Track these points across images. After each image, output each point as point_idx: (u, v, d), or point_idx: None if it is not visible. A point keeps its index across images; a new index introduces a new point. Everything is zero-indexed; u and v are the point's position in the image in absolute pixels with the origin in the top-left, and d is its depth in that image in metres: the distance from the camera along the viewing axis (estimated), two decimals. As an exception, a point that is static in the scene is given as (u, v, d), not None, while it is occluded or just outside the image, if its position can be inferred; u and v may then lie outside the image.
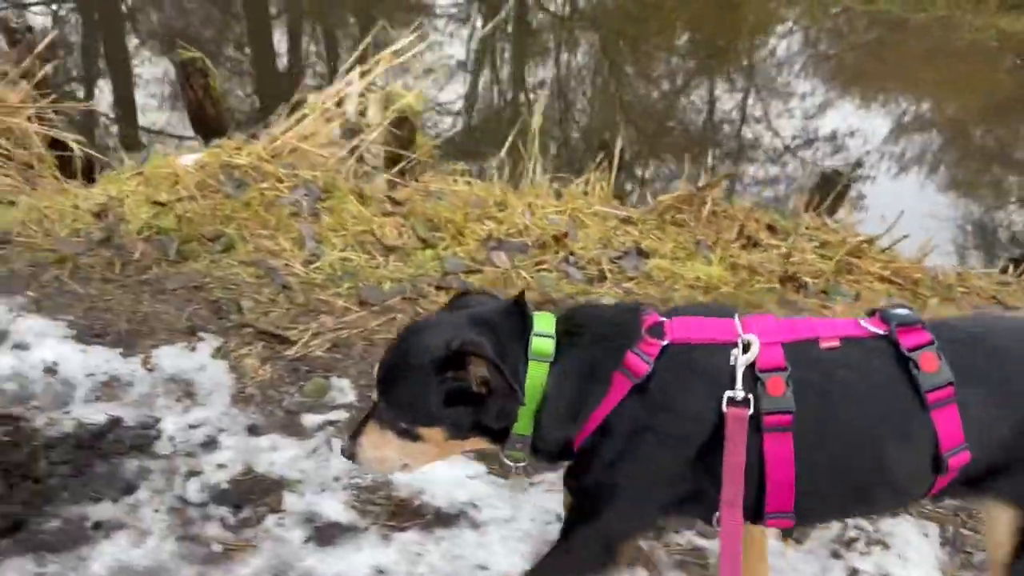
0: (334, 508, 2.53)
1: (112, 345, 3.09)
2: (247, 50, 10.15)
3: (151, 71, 9.09)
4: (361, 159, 4.77)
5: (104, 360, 3.01)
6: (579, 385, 1.82)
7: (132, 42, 9.94)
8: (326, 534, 2.47)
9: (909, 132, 9.79)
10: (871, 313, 1.88)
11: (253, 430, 2.80)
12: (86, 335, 3.15)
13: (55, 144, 5.33)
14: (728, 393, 1.73)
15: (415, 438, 1.84)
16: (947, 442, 1.76)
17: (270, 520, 2.49)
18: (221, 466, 2.66)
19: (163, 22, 10.48)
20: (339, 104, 4.66)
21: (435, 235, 4.16)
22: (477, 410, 1.79)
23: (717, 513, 1.75)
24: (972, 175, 8.96)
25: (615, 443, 1.80)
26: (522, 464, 1.92)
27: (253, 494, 2.58)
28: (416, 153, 5.23)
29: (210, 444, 2.74)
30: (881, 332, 1.81)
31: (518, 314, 1.84)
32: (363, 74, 4.76)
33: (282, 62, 9.94)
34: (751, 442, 1.71)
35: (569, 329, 1.85)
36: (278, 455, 2.72)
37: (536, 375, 1.80)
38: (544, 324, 1.83)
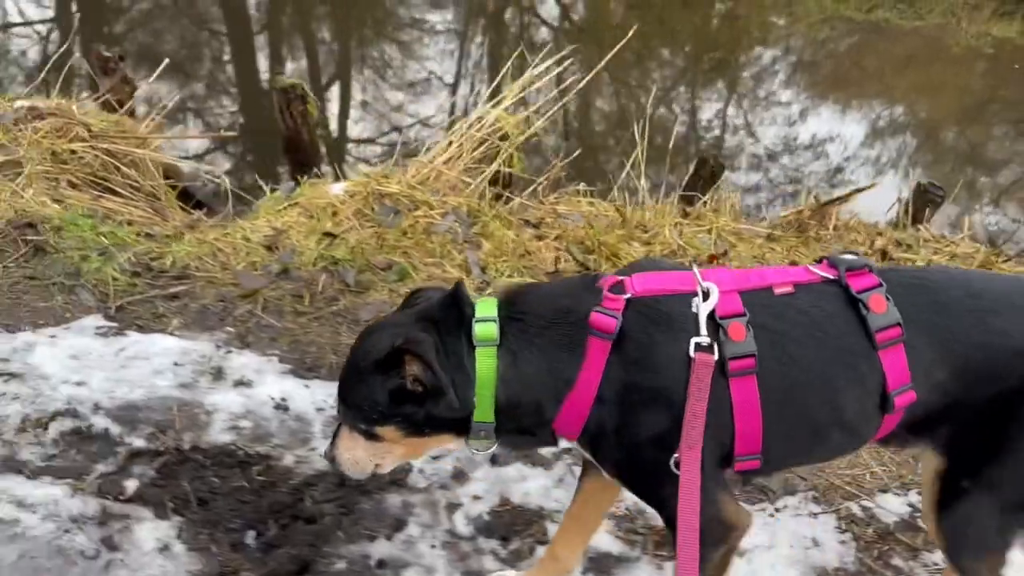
0: (602, 538, 2.56)
1: (329, 379, 3.12)
2: (336, 80, 10.19)
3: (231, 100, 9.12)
4: (495, 182, 4.82)
5: (327, 394, 3.03)
6: (543, 360, 1.83)
7: (227, 70, 9.95)
8: (603, 565, 2.50)
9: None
10: (819, 261, 1.94)
11: (495, 460, 2.83)
12: (301, 369, 3.18)
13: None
14: (694, 339, 1.77)
15: (375, 438, 1.90)
16: (894, 381, 1.83)
17: (541, 551, 2.52)
18: (477, 498, 2.69)
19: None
20: (476, 129, 4.69)
21: (590, 258, 4.21)
22: (425, 406, 1.82)
23: (676, 455, 1.77)
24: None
25: (614, 412, 1.82)
26: (489, 451, 1.97)
27: (517, 525, 2.62)
28: (533, 175, 5.28)
29: (460, 476, 2.77)
30: (831, 276, 1.88)
31: (457, 304, 1.85)
32: (495, 101, 4.80)
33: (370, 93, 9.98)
34: (719, 388, 1.76)
35: (512, 312, 1.86)
36: (529, 485, 2.75)
37: (485, 361, 1.81)
38: (485, 309, 1.84)
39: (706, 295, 1.81)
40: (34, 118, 5.09)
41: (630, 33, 5.25)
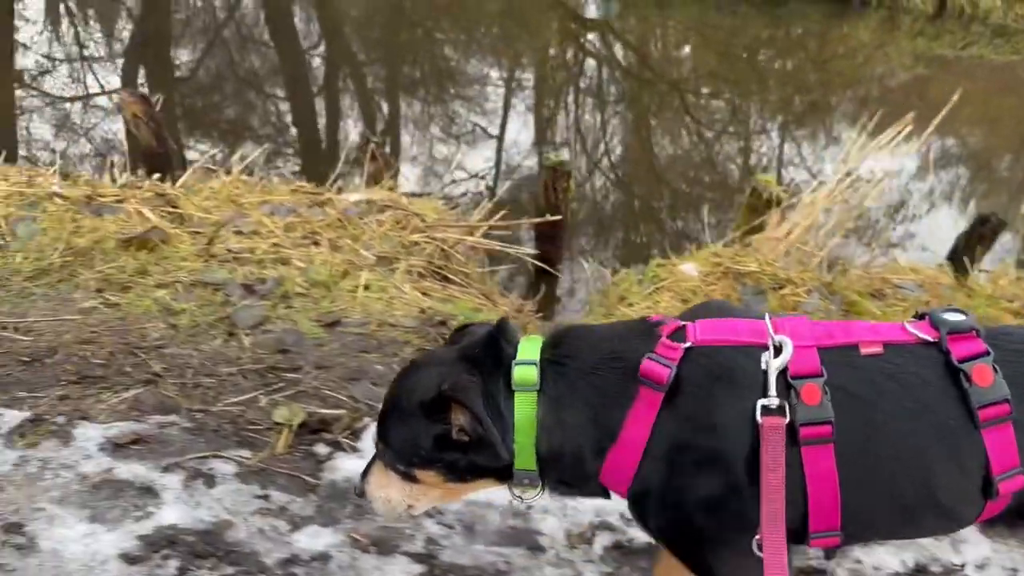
0: None
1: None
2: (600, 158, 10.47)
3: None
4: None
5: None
6: (585, 409, 1.70)
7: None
8: None
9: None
10: (920, 317, 1.72)
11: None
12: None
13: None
14: (762, 401, 1.59)
15: (413, 479, 1.82)
16: (999, 465, 1.61)
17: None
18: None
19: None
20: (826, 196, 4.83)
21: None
22: (469, 454, 1.72)
23: (757, 536, 1.61)
24: None
25: (663, 471, 1.66)
26: (535, 497, 1.86)
27: None
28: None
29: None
30: (930, 339, 1.65)
31: (498, 344, 1.75)
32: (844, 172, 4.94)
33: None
34: (789, 456, 1.57)
35: (556, 354, 1.74)
36: None
37: (524, 407, 1.70)
38: (526, 351, 1.73)
39: (778, 350, 1.62)
40: (378, 211, 5.56)
41: (955, 96, 5.28)
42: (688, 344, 1.65)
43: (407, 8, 13.79)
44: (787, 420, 1.58)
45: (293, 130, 10.03)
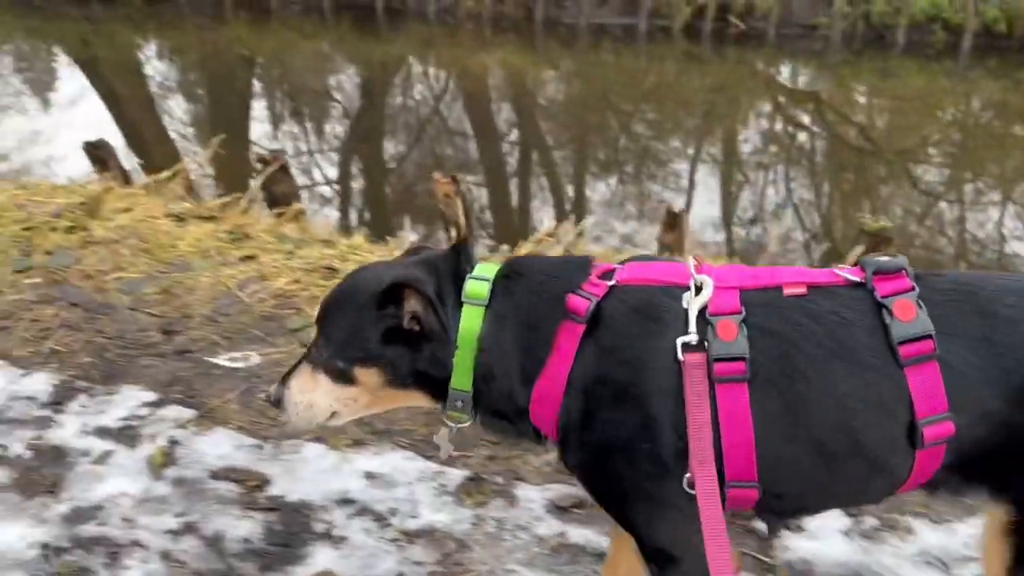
0: None
1: None
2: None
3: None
4: None
5: None
6: (520, 334, 1.72)
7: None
8: None
9: None
10: (855, 264, 1.68)
11: None
12: None
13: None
14: (682, 338, 1.59)
15: (349, 380, 1.80)
16: (923, 407, 1.53)
17: None
18: None
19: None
20: None
21: None
22: (413, 352, 1.75)
23: (688, 475, 1.58)
24: None
25: (583, 405, 1.67)
26: (464, 425, 1.84)
27: None
28: None
29: None
30: (857, 279, 1.62)
31: (457, 259, 1.80)
32: None
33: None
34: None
35: (507, 274, 1.77)
36: None
37: (469, 319, 1.73)
38: (483, 270, 1.78)
39: (699, 290, 1.63)
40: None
41: None
42: (612, 283, 1.69)
43: (610, 94, 13.80)
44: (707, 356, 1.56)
45: (488, 214, 10.17)
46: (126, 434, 3.10)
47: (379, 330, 1.76)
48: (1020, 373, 1.53)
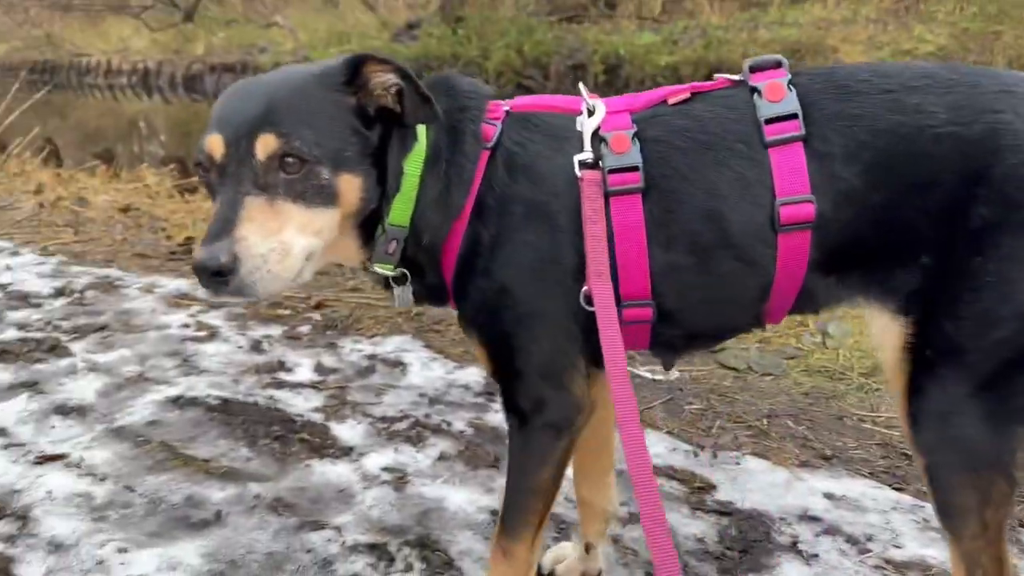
0: None
1: None
2: None
3: None
4: None
5: None
6: (452, 156, 1.63)
7: None
8: None
9: None
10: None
11: None
12: None
13: None
14: (578, 156, 1.57)
15: (330, 199, 1.48)
16: (784, 186, 1.48)
17: None
18: None
19: None
20: None
21: None
22: (392, 139, 1.58)
23: (585, 288, 1.54)
24: None
25: (492, 227, 1.60)
26: (389, 274, 1.67)
27: None
28: None
29: None
30: (738, 79, 1.59)
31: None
32: None
33: None
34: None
35: (446, 88, 1.68)
36: None
37: (421, 131, 1.63)
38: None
39: (591, 113, 1.60)
40: None
41: None
42: (507, 108, 1.66)
43: None
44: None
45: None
46: (559, 425, 3.02)
47: (355, 119, 1.52)
48: (874, 147, 1.45)
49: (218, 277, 1.38)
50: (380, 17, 22.22)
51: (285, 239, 1.43)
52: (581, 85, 1.74)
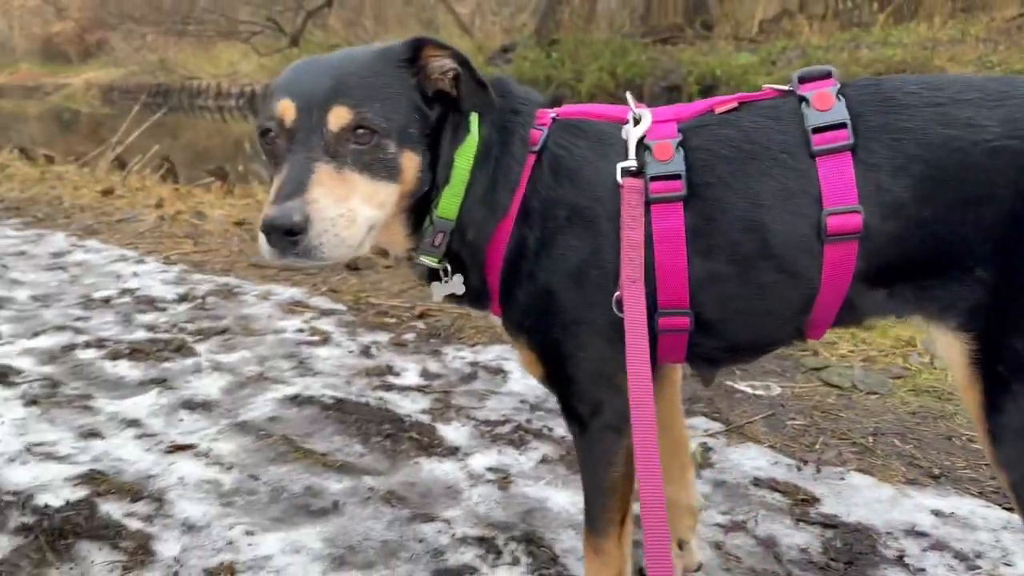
0: None
1: None
2: None
3: None
4: None
5: None
6: (501, 156, 1.66)
7: None
8: None
9: None
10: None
11: None
12: None
13: None
14: (621, 164, 1.58)
15: (394, 174, 1.52)
16: (831, 197, 1.46)
17: None
18: None
19: None
20: None
21: None
22: (439, 135, 1.61)
23: (617, 293, 1.55)
24: None
25: (538, 231, 1.62)
26: (433, 266, 1.70)
27: None
28: None
29: None
30: (787, 89, 1.59)
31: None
32: None
33: None
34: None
35: (500, 91, 1.71)
36: None
37: (473, 126, 1.66)
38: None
39: (637, 121, 1.62)
40: None
41: None
42: (554, 115, 1.69)
43: None
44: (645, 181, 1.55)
45: None
46: (659, 434, 3.07)
47: (417, 97, 1.56)
48: (923, 160, 1.44)
49: (289, 236, 1.40)
50: (476, 41, 22.71)
51: (352, 207, 1.46)
52: (628, 94, 1.74)
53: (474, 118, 1.67)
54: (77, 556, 2.34)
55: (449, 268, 1.72)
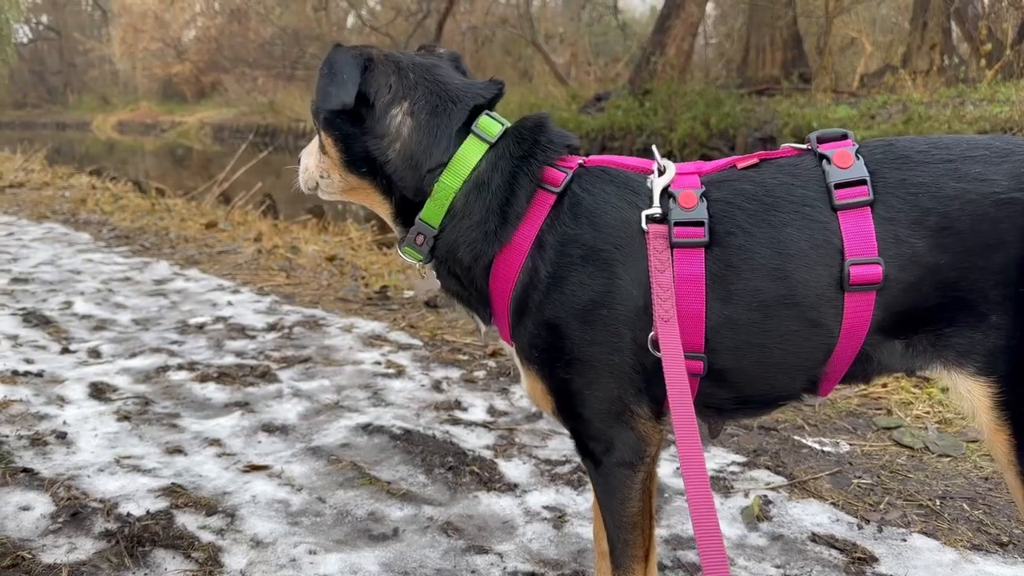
0: None
1: None
2: None
3: None
4: None
5: None
6: (501, 192, 1.75)
7: None
8: None
9: None
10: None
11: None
12: None
13: None
14: (646, 211, 1.66)
15: (322, 145, 1.88)
16: (853, 248, 1.54)
17: None
18: None
19: None
20: None
21: None
22: (363, 129, 1.80)
23: (652, 333, 1.62)
24: None
25: (551, 267, 1.69)
26: (416, 263, 1.85)
27: None
28: None
29: None
30: (806, 147, 1.69)
31: (484, 88, 1.84)
32: None
33: None
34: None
35: (520, 126, 1.82)
36: None
37: (469, 150, 1.76)
38: (501, 118, 1.82)
39: (662, 172, 1.71)
40: None
41: None
42: (581, 161, 1.79)
43: None
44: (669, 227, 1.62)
45: None
46: (719, 484, 3.07)
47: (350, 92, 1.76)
48: (938, 213, 1.52)
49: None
50: (571, 90, 23.06)
51: (308, 163, 1.99)
52: (654, 147, 1.85)
53: (472, 143, 1.78)
54: (152, 563, 2.50)
55: (426, 266, 1.90)
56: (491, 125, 1.79)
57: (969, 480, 3.13)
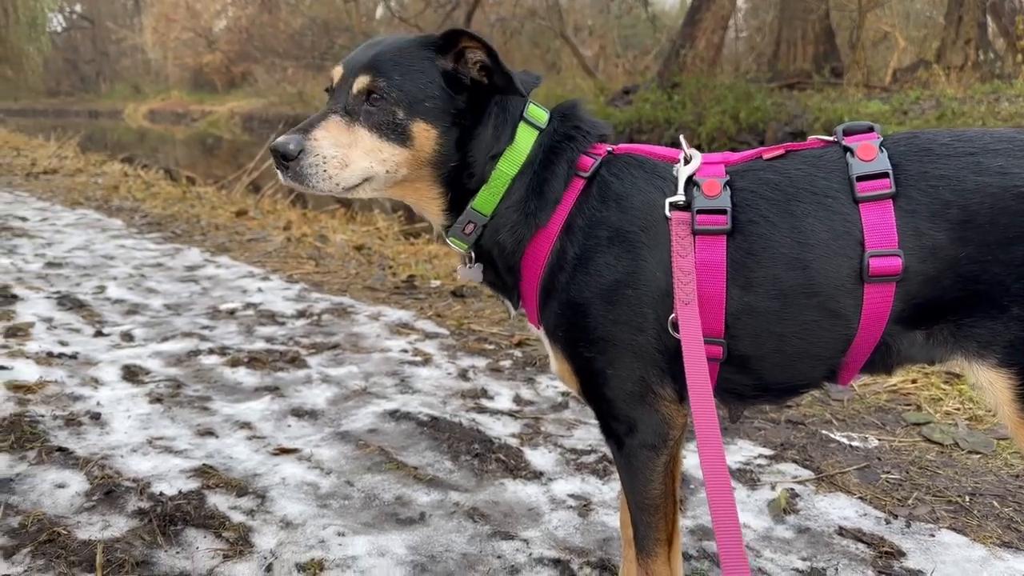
0: None
1: None
2: None
3: None
4: None
5: None
6: (546, 172, 1.78)
7: None
8: None
9: None
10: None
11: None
12: None
13: None
14: (670, 198, 1.68)
15: (403, 138, 1.70)
16: (873, 240, 1.54)
17: None
18: None
19: None
20: None
21: None
22: (469, 119, 1.75)
23: (672, 315, 1.64)
24: None
25: (580, 248, 1.72)
26: (458, 249, 1.85)
27: None
28: None
29: None
30: (832, 139, 1.69)
31: (537, 82, 1.84)
32: None
33: None
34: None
35: (564, 113, 1.87)
36: None
37: (523, 138, 1.79)
38: (543, 108, 1.86)
39: (688, 160, 1.72)
40: None
41: None
42: (610, 149, 1.82)
43: None
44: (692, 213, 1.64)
45: None
46: (746, 477, 3.07)
47: (442, 78, 1.71)
48: (959, 206, 1.51)
49: (284, 160, 1.69)
50: (599, 83, 22.98)
51: (349, 154, 1.71)
52: (681, 137, 1.86)
53: (525, 131, 1.81)
54: (184, 541, 2.55)
55: (473, 256, 1.87)
56: (540, 113, 1.84)
57: (999, 477, 3.10)
